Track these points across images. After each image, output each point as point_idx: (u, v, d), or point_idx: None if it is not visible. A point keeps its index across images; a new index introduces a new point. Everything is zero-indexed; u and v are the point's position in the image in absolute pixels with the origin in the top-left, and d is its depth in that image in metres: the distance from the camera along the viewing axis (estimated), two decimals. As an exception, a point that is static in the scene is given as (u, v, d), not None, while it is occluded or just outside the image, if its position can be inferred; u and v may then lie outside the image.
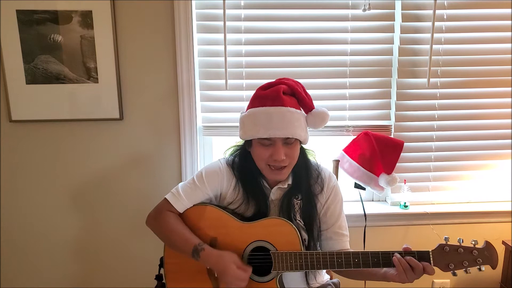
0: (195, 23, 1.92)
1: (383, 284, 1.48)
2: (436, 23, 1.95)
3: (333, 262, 1.31)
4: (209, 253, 1.32)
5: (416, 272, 1.24)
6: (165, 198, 1.45)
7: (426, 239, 2.10)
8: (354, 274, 1.41)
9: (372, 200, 2.25)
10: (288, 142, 1.36)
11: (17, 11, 1.80)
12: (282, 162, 1.35)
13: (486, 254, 1.26)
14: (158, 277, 1.55)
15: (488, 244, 1.27)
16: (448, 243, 1.28)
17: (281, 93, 1.34)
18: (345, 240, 1.50)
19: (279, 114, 1.32)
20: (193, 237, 1.36)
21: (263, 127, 1.33)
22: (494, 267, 1.26)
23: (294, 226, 1.36)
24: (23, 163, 1.99)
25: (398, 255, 1.27)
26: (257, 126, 1.34)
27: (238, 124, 1.46)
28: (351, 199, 2.16)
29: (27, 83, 1.87)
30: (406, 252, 1.28)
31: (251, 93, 1.44)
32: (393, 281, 1.29)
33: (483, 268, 1.26)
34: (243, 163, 1.49)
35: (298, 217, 1.43)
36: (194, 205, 1.45)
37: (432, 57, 1.97)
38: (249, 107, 1.42)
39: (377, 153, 1.96)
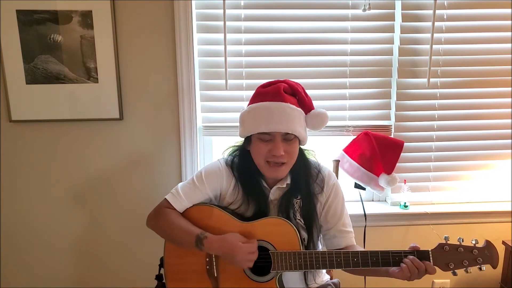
0: (195, 23, 1.92)
1: (383, 284, 1.48)
2: (436, 23, 1.95)
3: (332, 261, 1.32)
4: (212, 239, 1.33)
5: (419, 272, 1.25)
6: (165, 198, 1.46)
7: (426, 239, 2.08)
8: (357, 270, 1.40)
9: (372, 200, 2.25)
10: (288, 138, 1.36)
11: (17, 11, 1.80)
12: (281, 158, 1.35)
13: (486, 253, 1.25)
14: (158, 277, 1.55)
15: (488, 243, 1.26)
16: (448, 242, 1.28)
17: (282, 90, 1.36)
18: (350, 236, 1.49)
19: (279, 109, 1.33)
20: (194, 228, 1.37)
21: (264, 122, 1.33)
22: (494, 266, 1.26)
23: (293, 226, 1.36)
24: (23, 163, 1.99)
25: (410, 257, 1.26)
26: (257, 120, 1.35)
27: (238, 124, 1.46)
28: (351, 199, 2.15)
29: (27, 83, 1.87)
30: (405, 252, 1.28)
31: (251, 93, 1.45)
32: (394, 277, 1.29)
33: (483, 267, 1.26)
34: (242, 163, 1.49)
35: (298, 216, 1.43)
36: (193, 205, 1.45)
37: (432, 57, 1.97)
38: (249, 105, 1.43)
39: (377, 153, 1.96)
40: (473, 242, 1.27)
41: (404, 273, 1.25)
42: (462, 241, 1.28)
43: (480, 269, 1.26)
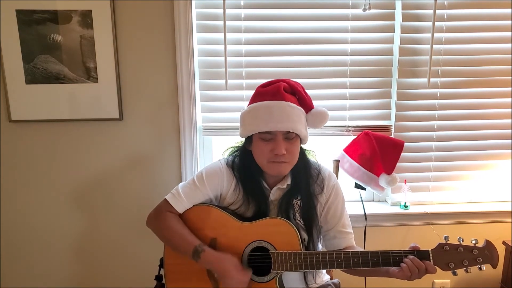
0: (195, 22, 1.92)
1: (383, 284, 1.48)
2: (437, 23, 1.95)
3: (332, 262, 1.31)
4: (210, 255, 1.33)
5: (420, 272, 1.25)
6: (165, 198, 1.45)
7: (426, 239, 2.08)
8: (357, 270, 1.40)
9: (373, 200, 2.25)
10: (289, 137, 1.36)
11: (17, 11, 1.80)
12: (283, 157, 1.35)
13: (486, 253, 1.25)
14: (158, 278, 1.55)
15: (488, 243, 1.26)
16: (448, 242, 1.28)
17: (282, 89, 1.36)
18: (349, 237, 1.49)
19: (279, 108, 1.33)
20: (193, 239, 1.37)
21: (264, 121, 1.33)
22: (494, 266, 1.26)
23: (293, 226, 1.35)
24: (23, 163, 1.99)
25: (410, 257, 1.27)
26: (257, 120, 1.35)
27: (238, 124, 1.46)
28: (352, 199, 2.15)
29: (27, 83, 1.87)
30: (406, 252, 1.28)
31: (251, 93, 1.45)
32: (394, 277, 1.29)
33: (483, 267, 1.26)
34: (243, 164, 1.49)
35: (298, 216, 1.43)
36: (194, 206, 1.45)
37: (433, 57, 1.97)
38: (249, 104, 1.43)
39: (378, 153, 1.96)
40: (473, 242, 1.27)
41: (404, 272, 1.25)
42: (462, 241, 1.28)
43: (480, 269, 1.26)
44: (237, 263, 1.33)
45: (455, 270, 1.26)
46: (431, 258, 1.26)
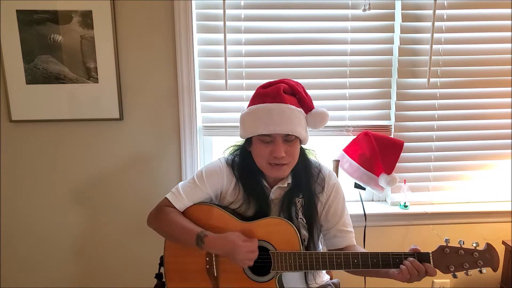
0: (195, 23, 1.92)
1: (384, 284, 1.48)
2: (436, 23, 1.95)
3: (332, 262, 1.32)
4: (213, 238, 1.33)
5: (419, 274, 1.25)
6: (166, 197, 1.46)
7: (426, 239, 2.10)
8: (356, 271, 1.39)
9: (372, 200, 2.25)
10: (288, 139, 1.35)
11: (17, 11, 1.80)
12: (282, 160, 1.35)
13: (487, 256, 1.25)
14: (158, 276, 1.56)
15: (489, 246, 1.26)
16: (449, 244, 1.27)
17: (282, 91, 1.35)
18: (350, 236, 1.49)
19: (279, 111, 1.33)
20: (194, 227, 1.37)
21: (263, 123, 1.33)
22: (495, 269, 1.25)
23: (293, 226, 1.36)
24: (23, 163, 1.99)
25: (410, 259, 1.26)
26: (257, 122, 1.35)
27: (238, 124, 1.46)
28: (351, 199, 2.15)
29: (27, 83, 1.87)
30: (406, 254, 1.28)
31: (251, 93, 1.45)
32: (394, 279, 1.29)
33: (484, 270, 1.25)
34: (243, 163, 1.49)
35: (300, 215, 1.43)
36: (194, 204, 1.45)
37: (432, 57, 1.97)
38: (249, 105, 1.43)
39: (377, 153, 1.96)
40: (474, 244, 1.27)
41: (404, 275, 1.25)
42: (463, 243, 1.28)
43: (480, 272, 1.26)
44: (241, 235, 1.33)
45: (455, 273, 1.26)
46: (431, 260, 1.26)
